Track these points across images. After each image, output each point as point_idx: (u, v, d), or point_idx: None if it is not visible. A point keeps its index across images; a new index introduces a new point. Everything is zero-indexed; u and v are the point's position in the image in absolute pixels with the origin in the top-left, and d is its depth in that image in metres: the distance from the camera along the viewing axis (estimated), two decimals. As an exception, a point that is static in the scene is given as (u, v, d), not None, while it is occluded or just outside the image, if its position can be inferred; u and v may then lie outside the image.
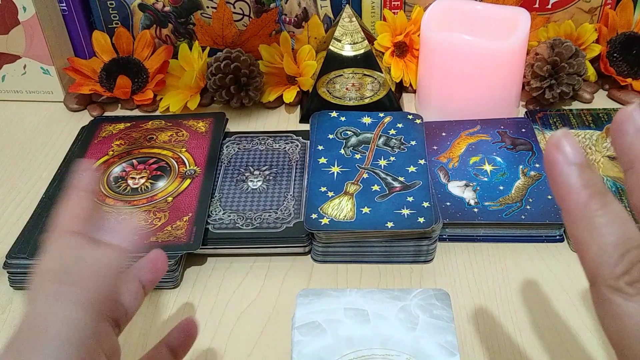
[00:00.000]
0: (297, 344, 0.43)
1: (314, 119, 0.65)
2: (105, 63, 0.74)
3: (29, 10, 0.70)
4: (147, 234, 0.53)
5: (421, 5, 0.71)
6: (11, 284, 0.52)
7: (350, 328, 0.44)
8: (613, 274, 0.25)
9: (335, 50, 0.68)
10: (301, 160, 0.62)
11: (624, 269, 0.25)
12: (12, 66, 0.74)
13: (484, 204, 0.55)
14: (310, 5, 0.74)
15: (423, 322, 0.44)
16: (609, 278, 0.25)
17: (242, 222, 0.55)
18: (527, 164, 0.59)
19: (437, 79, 0.67)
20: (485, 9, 0.67)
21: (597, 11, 0.73)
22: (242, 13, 0.74)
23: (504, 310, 0.49)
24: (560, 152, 0.26)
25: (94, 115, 0.72)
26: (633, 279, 0.24)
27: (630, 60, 0.70)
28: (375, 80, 0.68)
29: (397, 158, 0.59)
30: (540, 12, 0.73)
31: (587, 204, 0.26)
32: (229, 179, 0.60)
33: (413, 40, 0.71)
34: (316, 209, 0.54)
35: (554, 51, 0.67)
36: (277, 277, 0.53)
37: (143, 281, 0.37)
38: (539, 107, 0.69)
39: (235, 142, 0.64)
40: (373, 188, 0.56)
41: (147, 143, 0.64)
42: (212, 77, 0.69)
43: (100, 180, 0.59)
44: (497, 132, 0.63)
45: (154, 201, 0.57)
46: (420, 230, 0.51)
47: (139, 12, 0.75)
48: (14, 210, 0.60)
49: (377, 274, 0.53)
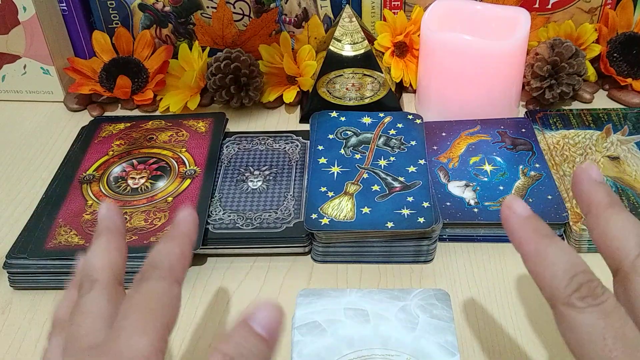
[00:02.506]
0: (297, 344, 0.43)
1: (314, 119, 0.65)
2: (105, 63, 0.74)
3: (29, 10, 0.70)
4: (147, 234, 0.53)
5: (421, 5, 0.71)
6: (11, 284, 0.52)
7: (350, 328, 0.44)
8: (566, 292, 0.30)
9: (335, 50, 0.68)
10: (301, 160, 0.62)
11: (574, 288, 0.30)
12: (12, 66, 0.74)
13: (484, 204, 0.55)
14: (310, 5, 0.74)
15: (423, 322, 0.44)
16: (563, 297, 0.30)
17: (242, 222, 0.55)
18: (527, 164, 0.59)
19: (437, 79, 0.67)
20: (485, 9, 0.67)
21: (597, 11, 0.73)
22: (242, 13, 0.74)
23: (504, 310, 0.49)
24: (512, 211, 0.33)
25: (94, 115, 0.72)
26: (582, 295, 0.29)
27: (630, 60, 0.70)
28: (375, 80, 0.68)
29: (397, 158, 0.59)
30: (540, 12, 0.73)
31: (537, 243, 0.31)
32: (229, 179, 0.60)
33: (413, 40, 0.71)
34: (316, 209, 0.54)
35: (554, 51, 0.67)
36: (277, 277, 0.53)
37: None
38: (539, 107, 0.69)
39: (235, 142, 0.64)
40: (373, 188, 0.56)
41: (147, 143, 0.64)
42: (212, 77, 0.69)
43: (101, 181, 0.60)
44: (497, 132, 0.63)
45: (154, 201, 0.57)
46: (420, 230, 0.51)
47: (139, 12, 0.75)
48: (14, 210, 0.60)
49: (377, 274, 0.53)
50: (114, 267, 0.32)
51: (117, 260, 0.33)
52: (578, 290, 0.29)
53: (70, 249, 0.52)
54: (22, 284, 0.52)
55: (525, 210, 0.33)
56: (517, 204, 0.33)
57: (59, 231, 0.54)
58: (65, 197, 0.58)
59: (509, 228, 0.33)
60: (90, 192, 0.58)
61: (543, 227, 0.32)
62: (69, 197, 0.58)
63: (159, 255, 0.32)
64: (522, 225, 0.32)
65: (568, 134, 0.63)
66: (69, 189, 0.59)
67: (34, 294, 0.52)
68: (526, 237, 0.32)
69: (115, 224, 0.35)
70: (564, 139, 0.63)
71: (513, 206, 0.33)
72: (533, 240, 0.32)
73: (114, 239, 0.34)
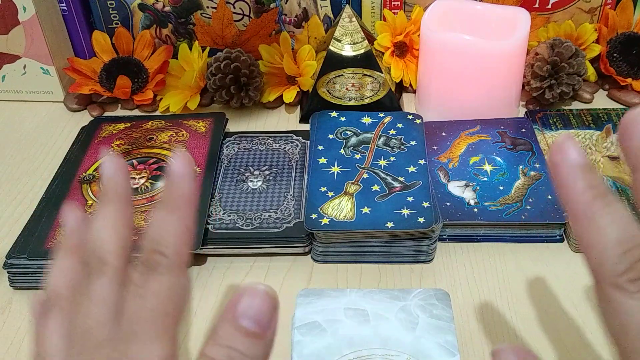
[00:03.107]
0: (297, 344, 0.43)
1: (314, 119, 0.65)
2: (105, 63, 0.74)
3: (29, 10, 0.70)
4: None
5: (421, 5, 0.71)
6: (11, 284, 0.52)
7: (350, 328, 0.44)
8: (615, 272, 0.25)
9: (335, 50, 0.68)
10: (301, 160, 0.62)
11: (626, 267, 0.25)
12: (12, 66, 0.74)
13: (484, 204, 0.55)
14: (310, 5, 0.74)
15: (423, 322, 0.44)
16: (611, 275, 0.26)
17: (242, 222, 0.55)
18: (527, 164, 0.59)
19: (437, 79, 0.67)
20: (485, 9, 0.67)
21: (597, 11, 0.73)
22: (242, 13, 0.74)
23: (504, 310, 0.49)
24: (563, 155, 0.27)
25: (94, 115, 0.72)
26: (634, 277, 0.25)
27: (630, 60, 0.70)
28: (375, 80, 0.68)
29: (397, 158, 0.59)
30: (540, 12, 0.73)
31: (590, 205, 0.27)
32: (229, 179, 0.60)
33: (413, 40, 0.71)
34: (316, 209, 0.54)
35: (554, 51, 0.67)
36: (277, 277, 0.53)
37: None
38: (539, 107, 0.69)
39: (235, 142, 0.64)
40: (373, 188, 0.56)
41: (147, 143, 0.64)
42: (212, 77, 0.69)
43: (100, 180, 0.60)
44: (497, 132, 0.63)
45: (154, 201, 0.57)
46: (420, 230, 0.51)
47: (139, 12, 0.75)
48: (14, 210, 0.60)
49: (377, 274, 0.53)
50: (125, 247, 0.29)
51: (127, 238, 0.30)
52: (630, 269, 0.25)
53: (70, 249, 0.52)
54: (22, 284, 0.52)
55: (581, 157, 0.27)
56: (571, 148, 0.27)
57: (59, 231, 0.54)
58: (65, 197, 0.58)
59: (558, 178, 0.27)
60: (90, 192, 0.58)
61: (599, 183, 0.27)
62: (69, 197, 0.58)
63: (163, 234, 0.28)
64: (575, 177, 0.27)
65: (568, 134, 0.63)
66: (69, 189, 0.59)
67: (34, 294, 0.52)
68: (577, 193, 0.27)
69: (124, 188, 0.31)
70: (564, 139, 0.63)
71: (566, 149, 0.27)
72: (585, 199, 0.27)
73: (123, 210, 0.30)
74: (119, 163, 0.31)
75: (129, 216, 0.30)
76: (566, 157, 0.27)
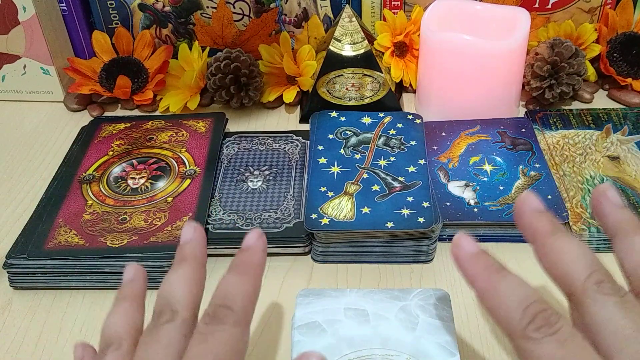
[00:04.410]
0: (297, 344, 0.43)
1: (314, 119, 0.65)
2: (105, 63, 0.74)
3: (29, 10, 0.70)
4: (147, 234, 0.53)
5: (421, 5, 0.71)
6: (11, 284, 0.52)
7: (350, 328, 0.44)
8: (521, 325, 0.29)
9: (335, 50, 0.68)
10: (301, 160, 0.62)
11: (529, 320, 0.29)
12: (12, 66, 0.74)
13: (484, 204, 0.55)
14: (310, 5, 0.74)
15: (423, 322, 0.44)
16: (519, 329, 0.29)
17: (242, 222, 0.55)
18: (527, 164, 0.59)
19: (437, 79, 0.67)
20: (485, 9, 0.67)
21: (597, 11, 0.73)
22: (242, 13, 0.74)
23: (504, 310, 0.49)
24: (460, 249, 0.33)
25: (94, 115, 0.72)
26: (538, 326, 0.29)
27: (630, 60, 0.70)
28: (375, 80, 0.68)
29: (397, 158, 0.59)
30: (540, 12, 0.73)
31: (489, 278, 0.32)
32: (229, 179, 0.60)
33: (413, 40, 0.71)
34: (316, 209, 0.54)
35: (554, 51, 0.67)
36: (277, 277, 0.53)
37: None
38: (539, 107, 0.69)
39: (235, 142, 0.64)
40: (373, 188, 0.56)
41: (147, 143, 0.64)
42: (212, 77, 0.69)
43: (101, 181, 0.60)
44: (497, 132, 0.63)
45: (154, 201, 0.57)
46: (420, 230, 0.51)
47: (139, 12, 0.75)
48: (14, 210, 0.60)
49: (377, 274, 0.53)
50: (195, 303, 0.33)
51: (199, 294, 0.33)
52: (533, 321, 0.29)
53: (70, 249, 0.52)
54: (22, 284, 0.52)
55: (473, 246, 0.33)
56: (465, 242, 0.34)
57: (59, 231, 0.54)
58: (65, 197, 0.58)
59: (460, 266, 0.33)
60: (90, 192, 0.58)
61: (493, 262, 0.33)
62: (69, 197, 0.58)
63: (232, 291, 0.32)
64: (472, 262, 0.33)
65: (568, 133, 0.63)
66: (69, 189, 0.59)
67: (34, 294, 0.52)
68: (477, 274, 0.32)
69: (202, 252, 0.35)
70: (564, 138, 0.63)
71: (461, 244, 0.34)
72: (484, 277, 0.32)
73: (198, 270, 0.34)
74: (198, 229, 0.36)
75: (203, 277, 0.34)
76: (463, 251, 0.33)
